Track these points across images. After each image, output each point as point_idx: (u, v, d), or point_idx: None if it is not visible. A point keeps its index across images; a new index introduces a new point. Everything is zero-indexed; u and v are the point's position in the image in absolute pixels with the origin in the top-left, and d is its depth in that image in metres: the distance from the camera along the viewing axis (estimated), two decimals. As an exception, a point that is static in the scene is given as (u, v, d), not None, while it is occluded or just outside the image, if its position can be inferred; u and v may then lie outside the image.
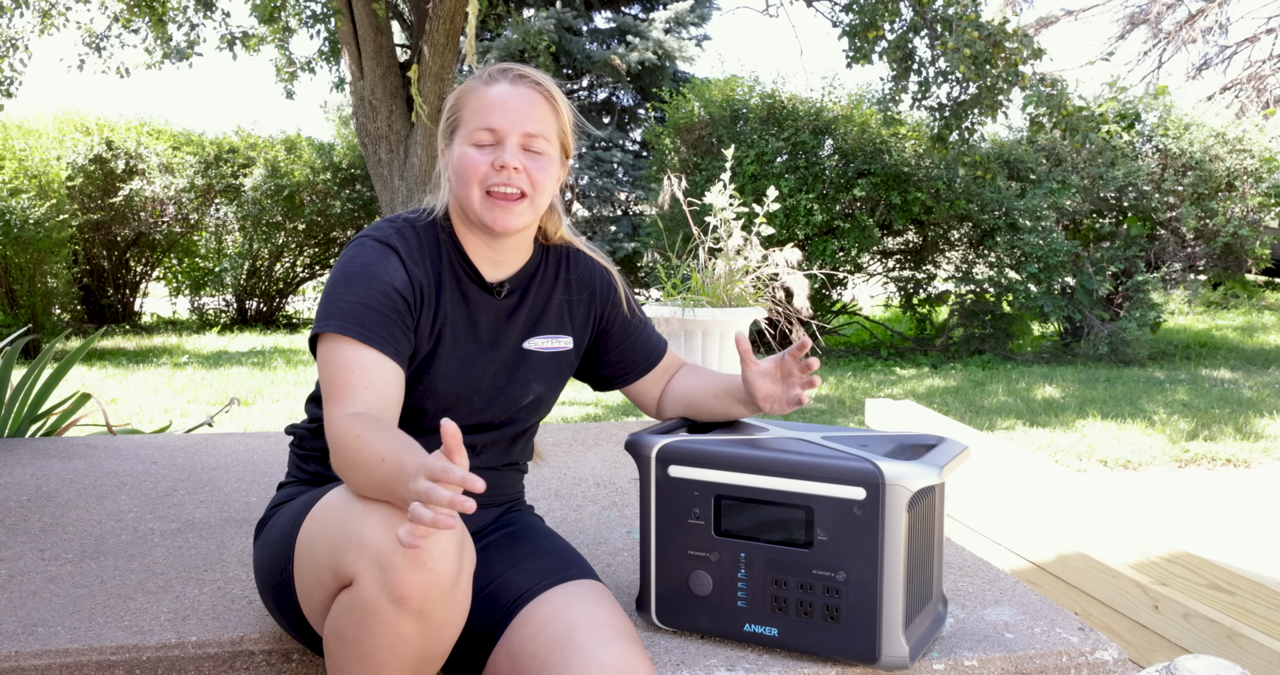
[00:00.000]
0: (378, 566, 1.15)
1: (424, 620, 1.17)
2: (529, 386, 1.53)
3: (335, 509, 1.25)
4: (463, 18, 7.47)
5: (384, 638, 1.18)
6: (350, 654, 1.21)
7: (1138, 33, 17.66)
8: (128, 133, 10.65)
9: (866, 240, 8.60)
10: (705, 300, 3.97)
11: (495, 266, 1.50)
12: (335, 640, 1.22)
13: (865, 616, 1.35)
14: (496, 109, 1.41)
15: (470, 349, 1.48)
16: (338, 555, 1.20)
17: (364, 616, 1.18)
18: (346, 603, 1.20)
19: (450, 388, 1.46)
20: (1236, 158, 8.82)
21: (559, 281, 1.58)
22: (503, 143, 1.41)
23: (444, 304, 1.45)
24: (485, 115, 1.41)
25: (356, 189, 11.07)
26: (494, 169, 1.41)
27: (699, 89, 9.21)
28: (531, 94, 1.44)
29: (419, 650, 1.20)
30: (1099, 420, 5.73)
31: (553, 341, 1.56)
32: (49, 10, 7.86)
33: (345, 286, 1.37)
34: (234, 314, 11.52)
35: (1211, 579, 2.24)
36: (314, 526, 1.27)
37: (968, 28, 6.99)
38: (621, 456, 2.68)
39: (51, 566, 1.78)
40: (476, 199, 1.42)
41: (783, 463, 1.37)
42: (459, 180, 1.43)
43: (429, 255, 1.46)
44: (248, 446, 2.77)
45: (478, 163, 1.41)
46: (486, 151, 1.42)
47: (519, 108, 1.42)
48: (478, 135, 1.42)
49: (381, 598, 1.16)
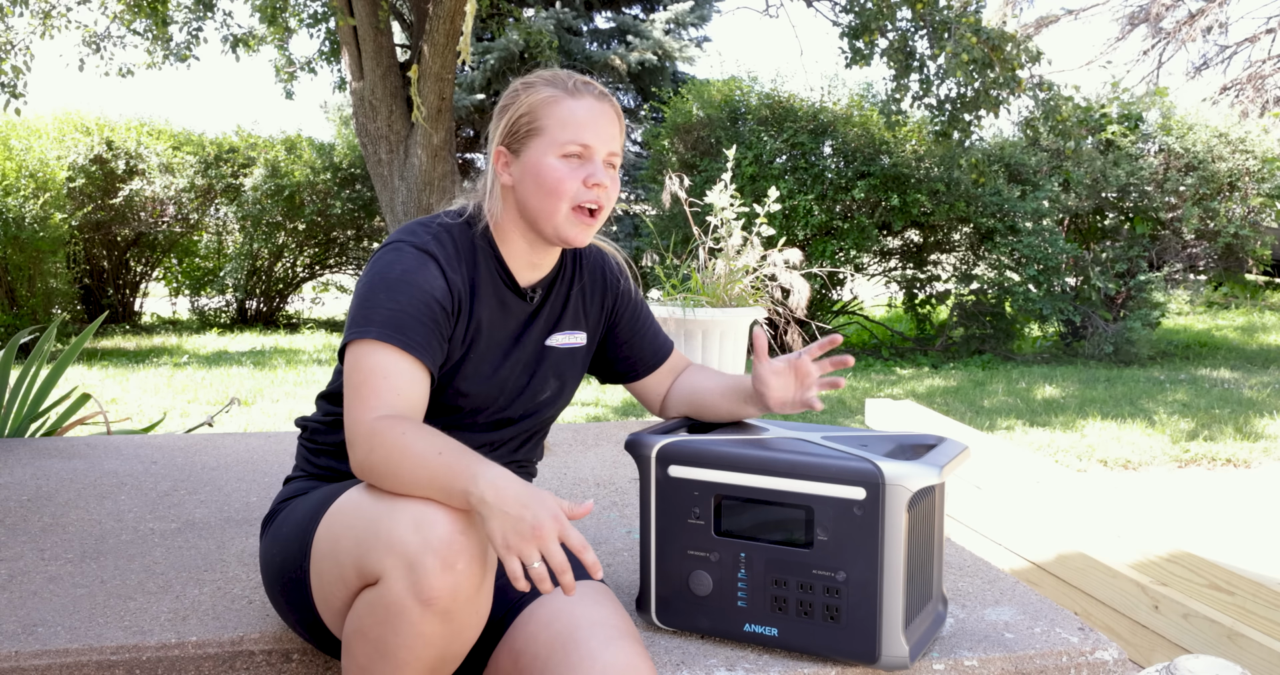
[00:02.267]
0: (407, 566, 1.16)
1: (448, 622, 1.18)
2: (548, 382, 1.54)
3: (360, 506, 1.25)
4: (463, 17, 7.47)
5: (407, 637, 1.18)
6: (373, 652, 1.21)
7: (1138, 32, 17.65)
8: (128, 133, 10.64)
9: (866, 241, 8.60)
10: (705, 300, 3.97)
11: (531, 270, 1.51)
12: (357, 638, 1.23)
13: (865, 616, 1.35)
14: (589, 126, 1.42)
15: (499, 351, 1.49)
16: (363, 553, 1.21)
17: (389, 615, 1.18)
18: (371, 601, 1.20)
19: (478, 389, 1.46)
20: (1239, 158, 8.81)
21: (577, 277, 1.59)
22: (593, 159, 1.42)
23: (478, 310, 1.45)
24: (578, 130, 1.41)
25: (357, 189, 11.07)
26: (586, 186, 1.41)
27: (698, 89, 9.21)
28: (614, 113, 1.46)
29: (440, 651, 1.20)
30: (1099, 420, 5.72)
31: (571, 337, 1.57)
32: (49, 12, 7.87)
33: (386, 293, 1.36)
34: (234, 314, 11.52)
35: (1211, 579, 2.24)
36: (336, 523, 1.27)
37: (966, 32, 6.98)
38: (621, 456, 2.68)
39: (51, 566, 1.78)
40: (562, 213, 1.42)
41: (783, 463, 1.37)
42: (544, 192, 1.42)
43: (465, 261, 1.45)
44: (248, 446, 2.77)
45: (570, 178, 1.41)
46: (576, 166, 1.42)
47: (606, 126, 1.43)
48: (570, 148, 1.41)
49: (409, 598, 1.16)
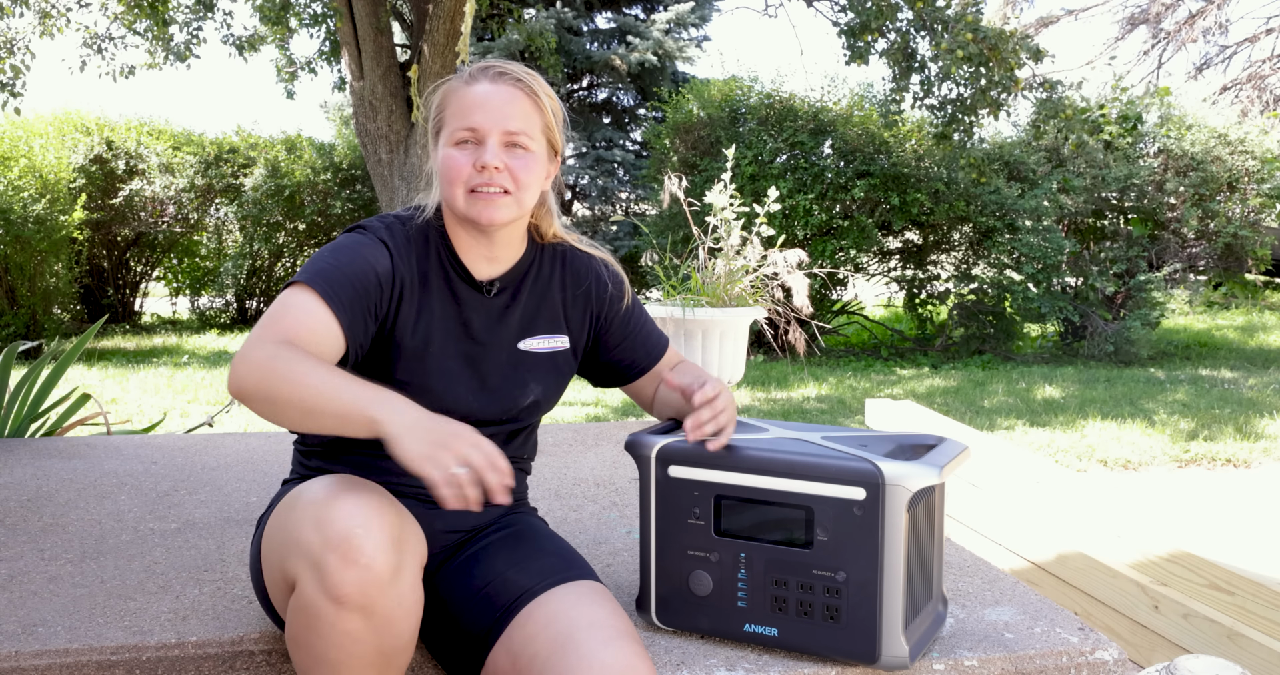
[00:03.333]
0: (312, 566, 1.15)
1: (368, 616, 1.17)
2: (527, 387, 1.53)
3: (281, 512, 1.25)
4: (462, 17, 7.47)
5: (331, 638, 1.18)
6: (307, 657, 1.21)
7: (1138, 33, 17.64)
8: (128, 133, 10.64)
9: (866, 241, 8.60)
10: (705, 300, 3.97)
11: (487, 263, 1.50)
12: (292, 645, 1.23)
13: (865, 616, 1.35)
14: (477, 108, 1.41)
15: (463, 348, 1.48)
16: (283, 558, 1.21)
17: (309, 618, 1.18)
18: (294, 606, 1.20)
19: (444, 386, 1.46)
20: (1238, 158, 8.81)
21: (554, 280, 1.58)
22: (484, 142, 1.41)
23: (431, 303, 1.46)
24: (466, 115, 1.41)
25: (357, 189, 11.07)
26: (476, 169, 1.41)
27: (698, 89, 9.21)
28: (512, 91, 1.43)
29: (373, 648, 1.20)
30: (1099, 420, 5.72)
31: (549, 342, 1.55)
32: (49, 12, 7.86)
33: (331, 255, 1.39)
34: (234, 314, 11.52)
35: (1211, 579, 2.24)
36: (271, 529, 1.28)
37: (964, 30, 6.97)
38: (621, 456, 2.68)
39: (51, 566, 1.78)
40: (460, 198, 1.42)
41: (783, 463, 1.37)
42: (444, 181, 1.43)
43: (416, 252, 1.46)
44: (248, 446, 2.77)
45: (460, 163, 1.41)
46: (468, 151, 1.42)
47: (500, 106, 1.41)
48: (459, 135, 1.42)
49: (320, 597, 1.15)
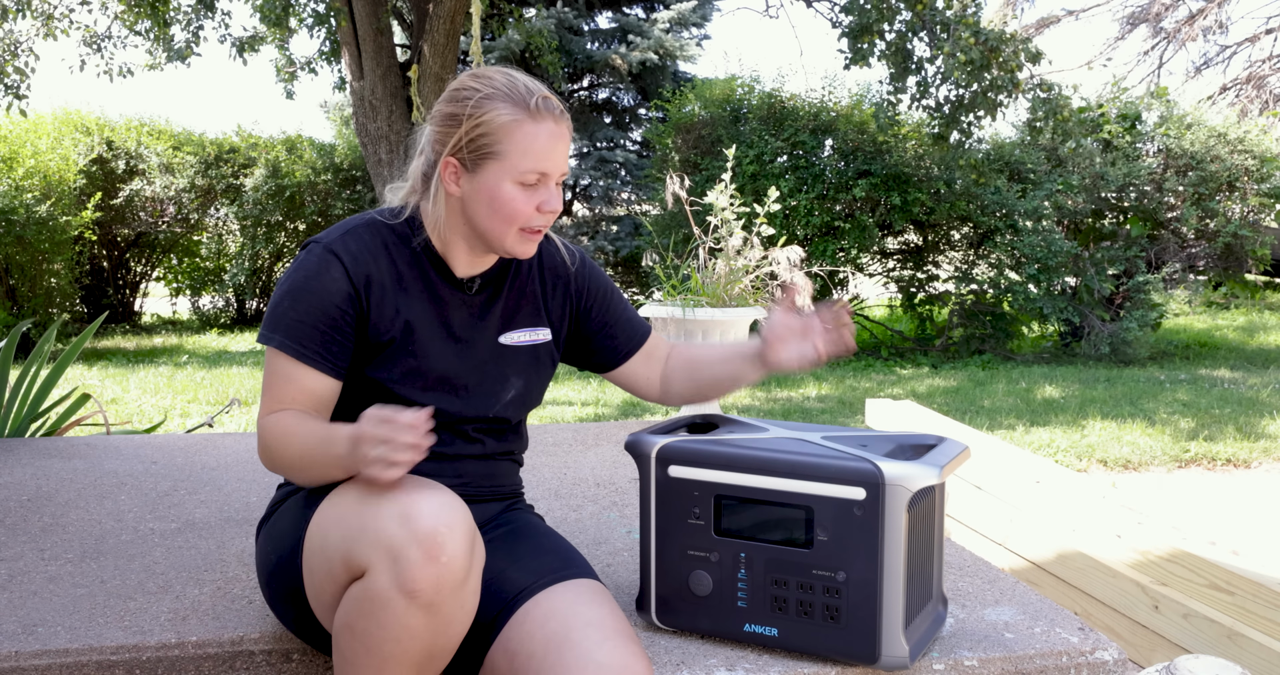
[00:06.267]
0: (391, 558, 1.17)
1: (433, 614, 1.18)
2: (509, 381, 1.53)
3: (348, 501, 1.26)
4: (463, 17, 7.47)
5: (393, 630, 1.19)
6: (359, 646, 1.22)
7: (1138, 32, 17.65)
8: (128, 133, 10.64)
9: (866, 241, 8.59)
10: (705, 300, 3.96)
11: (470, 266, 1.51)
12: (344, 632, 1.23)
13: (865, 616, 1.35)
14: (549, 154, 1.40)
15: (446, 346, 1.48)
16: (350, 547, 1.21)
17: (374, 608, 1.18)
18: (357, 594, 1.21)
19: (429, 385, 1.46)
20: (1237, 158, 8.81)
21: (531, 274, 1.58)
22: (548, 185, 1.42)
23: (410, 302, 1.45)
24: (539, 158, 1.39)
25: (357, 189, 11.06)
26: (540, 212, 1.41)
27: (699, 89, 9.21)
28: (568, 131, 1.44)
29: (426, 645, 1.21)
30: (1099, 420, 5.72)
31: (530, 334, 1.56)
32: (51, 14, 7.86)
33: (290, 300, 1.41)
34: (234, 314, 11.52)
35: (1211, 579, 2.24)
36: (325, 519, 1.28)
37: (964, 33, 6.97)
38: (621, 456, 2.68)
39: (51, 566, 1.78)
40: (511, 236, 1.42)
41: (783, 463, 1.37)
42: (499, 217, 1.41)
43: (390, 253, 1.45)
44: (248, 446, 2.77)
45: (524, 205, 1.40)
46: (530, 193, 1.41)
47: (564, 150, 1.42)
48: (529, 177, 1.40)
49: (393, 590, 1.17)
